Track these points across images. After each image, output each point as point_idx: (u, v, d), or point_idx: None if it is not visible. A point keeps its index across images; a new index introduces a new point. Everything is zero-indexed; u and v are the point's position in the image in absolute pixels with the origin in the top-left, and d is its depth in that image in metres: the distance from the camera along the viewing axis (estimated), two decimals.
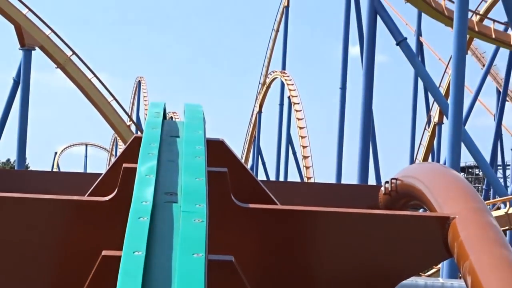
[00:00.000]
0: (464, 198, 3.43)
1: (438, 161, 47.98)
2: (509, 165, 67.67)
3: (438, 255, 3.40)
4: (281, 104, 63.79)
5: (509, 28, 50.34)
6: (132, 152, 3.41)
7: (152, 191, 2.78)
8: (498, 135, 58.60)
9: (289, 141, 63.31)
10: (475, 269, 2.80)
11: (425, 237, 3.32)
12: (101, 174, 3.83)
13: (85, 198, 3.31)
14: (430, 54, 57.28)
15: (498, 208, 42.69)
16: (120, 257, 2.29)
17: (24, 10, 50.08)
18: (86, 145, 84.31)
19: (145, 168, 3.02)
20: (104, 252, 2.47)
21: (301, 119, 61.44)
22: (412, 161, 55.29)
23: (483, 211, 3.32)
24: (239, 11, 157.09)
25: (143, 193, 2.75)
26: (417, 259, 3.50)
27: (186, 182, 2.89)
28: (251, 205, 3.25)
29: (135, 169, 3.05)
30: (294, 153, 64.12)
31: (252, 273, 2.77)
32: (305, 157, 60.80)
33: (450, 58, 43.15)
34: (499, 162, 66.41)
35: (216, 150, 3.54)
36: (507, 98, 59.78)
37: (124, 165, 3.19)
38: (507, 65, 55.83)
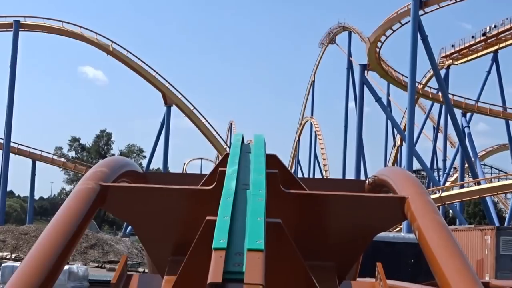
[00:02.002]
0: (413, 186, 3.53)
1: (400, 166, 57.35)
2: (440, 169, 69.49)
3: (399, 219, 3.47)
4: (310, 135, 77.23)
5: (439, 92, 59.22)
6: (224, 161, 3.63)
7: (235, 183, 3.08)
8: (434, 152, 69.94)
9: (315, 156, 76.32)
10: (421, 227, 3.01)
11: (392, 208, 3.42)
12: (206, 174, 4.10)
13: (199, 187, 3.56)
14: (394, 106, 70.37)
15: (434, 193, 49.35)
16: (215, 220, 2.60)
17: (166, 83, 64.03)
18: (201, 159, 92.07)
19: (231, 170, 3.29)
20: (207, 218, 2.70)
21: (322, 143, 74.02)
22: (385, 165, 62.02)
23: (425, 194, 3.46)
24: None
25: (230, 184, 3.05)
26: (388, 220, 3.63)
27: (254, 178, 3.16)
28: (292, 191, 3.42)
29: (225, 171, 3.32)
30: (318, 163, 75.88)
31: (290, 232, 2.77)
32: (324, 165, 73.14)
33: (406, 109, 55.65)
34: (435, 167, 73.66)
35: (271, 160, 3.68)
36: (439, 131, 69.23)
37: (220, 168, 3.45)
38: (438, 113, 67.35)
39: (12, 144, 61.74)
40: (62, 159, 79.41)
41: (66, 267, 14.04)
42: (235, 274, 2.15)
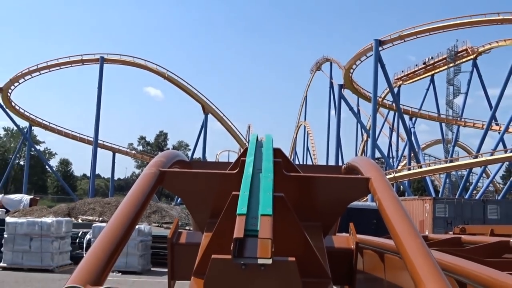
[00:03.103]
0: (374, 170, 3.42)
1: (366, 155, 57.21)
2: (394, 157, 67.74)
3: (365, 193, 3.36)
4: (304, 134, 77.57)
5: (393, 103, 59.46)
6: (244, 153, 3.54)
7: (252, 169, 2.99)
8: (390, 145, 69.62)
9: (307, 149, 76.54)
10: (380, 199, 2.95)
11: (360, 185, 3.31)
12: (232, 162, 3.91)
13: (227, 172, 3.41)
14: (362, 113, 69.36)
15: (390, 174, 49.59)
16: (239, 194, 2.54)
17: (204, 98, 63.90)
18: (229, 151, 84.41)
19: (249, 159, 3.18)
20: (233, 193, 2.60)
21: (312, 140, 75.68)
22: (355, 155, 62.66)
23: (382, 175, 3.35)
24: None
25: (248, 169, 2.97)
26: (357, 194, 3.48)
27: (265, 165, 3.10)
28: (291, 174, 3.32)
29: (245, 160, 3.22)
30: (310, 154, 76.50)
31: (290, 203, 2.64)
32: (313, 155, 74.54)
33: (370, 115, 57.52)
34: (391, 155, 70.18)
35: (277, 152, 3.56)
36: (393, 130, 68.97)
37: (241, 158, 3.34)
38: (392, 118, 67.26)
39: (99, 141, 62.08)
40: (133, 152, 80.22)
41: (136, 226, 16.14)
42: (252, 231, 2.13)
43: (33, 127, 67.41)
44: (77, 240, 17.97)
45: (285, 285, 1.96)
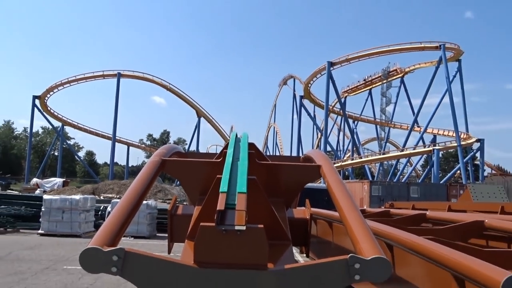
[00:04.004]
0: (324, 159, 3.32)
1: (319, 149, 54.89)
2: (341, 150, 67.15)
3: (318, 176, 3.25)
4: (274, 133, 76.65)
5: (341, 110, 59.62)
6: (226, 147, 3.39)
7: (231, 158, 2.88)
8: (338, 141, 69.60)
9: (276, 144, 75.53)
10: (328, 181, 2.88)
11: (314, 171, 3.21)
12: (217, 153, 3.77)
13: (214, 160, 3.29)
14: (317, 118, 68.42)
15: (337, 163, 50.97)
16: (221, 178, 2.46)
17: (197, 105, 63.62)
18: (216, 145, 74.37)
19: (230, 151, 3.07)
20: (217, 176, 2.53)
21: (279, 137, 75.13)
22: (312, 148, 63.03)
23: (331, 163, 3.25)
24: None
25: (229, 158, 2.87)
26: (312, 177, 3.38)
27: (241, 155, 2.99)
28: (262, 162, 3.22)
29: (226, 152, 3.12)
30: (278, 148, 74.93)
31: (261, 184, 2.60)
32: (281, 149, 73.27)
33: (323, 119, 57.63)
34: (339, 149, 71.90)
35: (251, 146, 3.45)
36: (340, 130, 69.24)
37: (224, 150, 3.27)
38: (340, 121, 66.49)
39: (116, 137, 61.69)
40: (143, 145, 79.68)
41: (144, 202, 15.16)
42: (231, 205, 2.13)
43: (65, 126, 67.06)
44: (100, 212, 17.85)
45: (255, 246, 1.96)
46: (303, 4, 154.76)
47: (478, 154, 50.87)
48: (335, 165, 47.29)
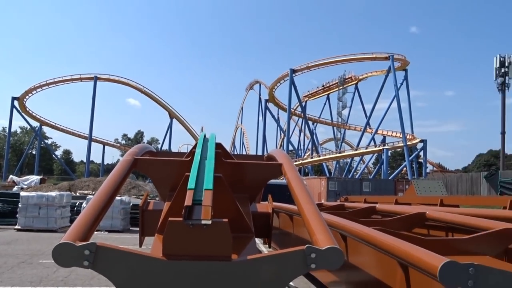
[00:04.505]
0: (285, 158, 3.30)
1: (282, 148, 53.42)
2: (301, 149, 67.92)
3: (279, 174, 3.20)
4: (241, 133, 77.08)
5: (302, 113, 60.57)
6: (195, 146, 3.34)
7: (199, 157, 2.81)
8: (299, 141, 70.43)
9: (243, 143, 76.13)
10: (288, 178, 2.89)
11: (275, 169, 3.19)
12: (186, 153, 3.65)
13: (183, 159, 3.21)
14: (281, 120, 68.66)
15: (298, 161, 51.81)
16: (189, 175, 2.42)
17: (170, 107, 62.67)
18: (188, 145, 69.89)
19: (198, 151, 3.02)
20: (186, 174, 2.48)
21: (246, 138, 75.80)
22: (276, 148, 63.94)
23: (291, 162, 3.23)
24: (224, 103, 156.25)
25: (197, 157, 2.80)
26: (274, 174, 3.30)
27: (209, 154, 2.92)
28: (228, 160, 3.16)
29: (195, 151, 3.07)
30: (244, 147, 75.42)
31: (227, 181, 2.54)
32: (247, 148, 74.06)
33: (286, 121, 57.67)
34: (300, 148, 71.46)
35: (218, 145, 3.37)
36: (301, 131, 69.67)
37: (193, 150, 3.24)
38: (301, 123, 67.17)
39: (92, 137, 60.48)
40: (118, 144, 77.58)
41: (118, 197, 15.26)
42: (198, 201, 2.10)
43: (42, 127, 65.03)
44: (75, 208, 17.38)
45: (220, 239, 1.94)
46: (269, 15, 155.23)
47: (422, 153, 52.20)
48: (296, 163, 47.45)
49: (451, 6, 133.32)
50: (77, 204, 17.61)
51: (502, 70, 33.84)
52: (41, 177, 44.98)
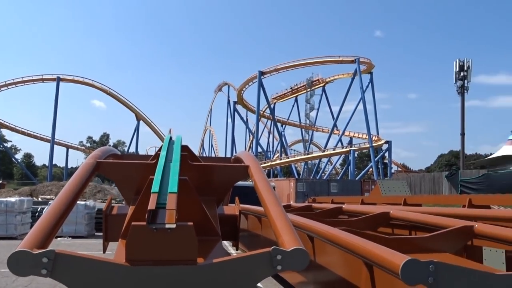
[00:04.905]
0: (252, 160, 3.29)
1: (252, 151, 54.98)
2: (270, 151, 67.26)
3: (246, 175, 3.17)
4: (209, 135, 76.34)
5: (270, 115, 60.83)
6: (160, 149, 3.28)
7: (164, 159, 2.78)
8: (268, 143, 69.63)
9: (211, 145, 75.06)
10: (255, 180, 2.88)
11: (242, 171, 3.17)
12: (152, 155, 3.57)
13: (148, 162, 3.13)
14: (250, 122, 68.92)
15: (266, 163, 52.89)
16: (153, 178, 2.38)
17: (137, 109, 61.49)
18: (155, 147, 65.68)
19: (162, 153, 2.96)
20: (150, 177, 2.45)
21: (215, 139, 75.07)
22: (245, 150, 64.46)
23: (257, 164, 3.22)
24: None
25: (161, 160, 2.76)
26: (241, 176, 3.28)
27: (174, 157, 2.85)
28: (194, 163, 3.13)
29: (159, 153, 3.00)
30: (213, 149, 74.19)
31: (193, 184, 2.52)
32: (216, 150, 72.96)
33: (255, 123, 58.03)
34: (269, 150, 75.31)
35: (184, 147, 3.33)
36: (270, 133, 68.64)
37: (158, 152, 3.14)
38: (270, 124, 66.50)
39: (55, 140, 58.78)
40: (83, 147, 75.53)
41: (83, 202, 15.08)
42: (162, 204, 2.08)
43: (1, 129, 62.66)
44: (37, 214, 16.78)
45: (185, 243, 1.92)
46: (236, 16, 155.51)
47: (387, 154, 53.75)
48: (265, 164, 47.89)
49: (413, 11, 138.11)
50: (38, 209, 16.92)
51: (461, 74, 35.15)
52: (0, 182, 43.52)
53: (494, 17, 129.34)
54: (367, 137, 52.07)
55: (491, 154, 51.17)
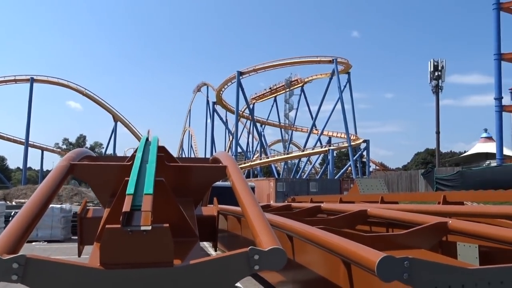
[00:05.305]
0: (230, 160, 3.32)
1: (231, 151, 55.61)
2: (250, 151, 67.25)
3: (223, 176, 3.18)
4: (189, 136, 75.60)
5: (250, 115, 60.92)
6: (136, 150, 3.23)
7: (140, 161, 2.77)
8: (248, 143, 69.50)
9: (191, 146, 74.43)
10: (233, 180, 2.89)
11: (220, 171, 3.19)
12: (128, 156, 3.59)
13: (124, 163, 3.13)
14: (229, 122, 68.56)
15: (246, 163, 53.27)
16: (128, 179, 2.38)
17: (114, 110, 60.96)
18: (133, 148, 73.33)
19: (138, 155, 2.94)
20: (125, 179, 2.43)
21: (194, 140, 74.67)
22: (224, 150, 63.93)
23: (235, 164, 3.24)
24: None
25: (137, 162, 2.74)
26: (219, 176, 3.27)
27: (150, 158, 2.85)
28: (171, 164, 3.13)
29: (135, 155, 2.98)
30: (192, 150, 73.75)
31: (170, 185, 2.53)
32: (195, 151, 72.44)
33: (234, 123, 57.74)
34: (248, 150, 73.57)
35: (161, 148, 3.35)
36: (250, 133, 68.60)
37: (134, 153, 3.13)
38: (249, 125, 66.31)
39: (30, 142, 57.66)
40: (58, 149, 73.68)
41: (58, 205, 14.59)
42: (137, 206, 2.05)
43: None
44: (10, 218, 16.31)
45: (161, 245, 1.90)
46: (214, 17, 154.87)
47: (365, 153, 54.39)
48: (245, 165, 47.69)
49: (390, 12, 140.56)
50: (12, 213, 16.39)
51: (436, 74, 35.93)
52: None
53: (467, 18, 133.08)
54: (345, 137, 52.52)
55: (465, 151, 52.63)
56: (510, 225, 3.69)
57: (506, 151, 35.43)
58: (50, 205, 2.49)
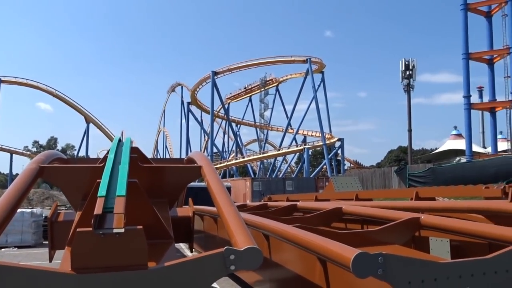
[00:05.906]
0: (204, 161, 3.31)
1: (207, 151, 56.07)
2: (226, 151, 66.57)
3: (198, 176, 3.12)
4: (163, 137, 74.38)
5: (225, 115, 62.09)
6: (108, 151, 3.17)
7: (112, 162, 2.74)
8: (223, 143, 68.85)
9: (166, 147, 73.28)
10: (208, 180, 2.88)
11: (195, 171, 3.18)
12: (100, 158, 3.59)
13: (95, 165, 3.14)
14: (205, 122, 68.20)
15: (222, 163, 53.71)
16: (100, 181, 2.35)
17: (86, 111, 59.56)
18: (106, 150, 66.89)
19: (110, 156, 2.92)
20: (97, 181, 2.41)
21: (169, 140, 73.34)
22: (200, 150, 54.61)
23: (210, 164, 3.23)
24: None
25: (109, 163, 2.72)
26: (193, 177, 3.30)
27: (123, 159, 2.83)
28: (144, 165, 3.11)
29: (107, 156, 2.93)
30: (168, 151, 72.29)
31: (143, 186, 2.52)
32: (170, 151, 71.06)
33: (209, 124, 57.61)
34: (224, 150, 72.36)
35: (134, 149, 3.32)
36: (225, 133, 68.46)
37: (106, 154, 3.12)
38: (225, 125, 66.52)
39: None
40: (28, 152, 71.57)
41: (29, 210, 14.13)
42: (109, 209, 2.01)
43: None
44: None
45: (135, 247, 1.87)
46: (188, 16, 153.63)
47: (340, 151, 55.21)
48: (221, 165, 47.47)
49: (362, 12, 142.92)
50: None
51: (407, 73, 36.72)
52: None
53: (437, 18, 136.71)
54: (320, 135, 53.15)
55: (436, 148, 54.18)
56: (480, 219, 3.79)
57: (475, 148, 36.61)
58: (20, 210, 2.40)
